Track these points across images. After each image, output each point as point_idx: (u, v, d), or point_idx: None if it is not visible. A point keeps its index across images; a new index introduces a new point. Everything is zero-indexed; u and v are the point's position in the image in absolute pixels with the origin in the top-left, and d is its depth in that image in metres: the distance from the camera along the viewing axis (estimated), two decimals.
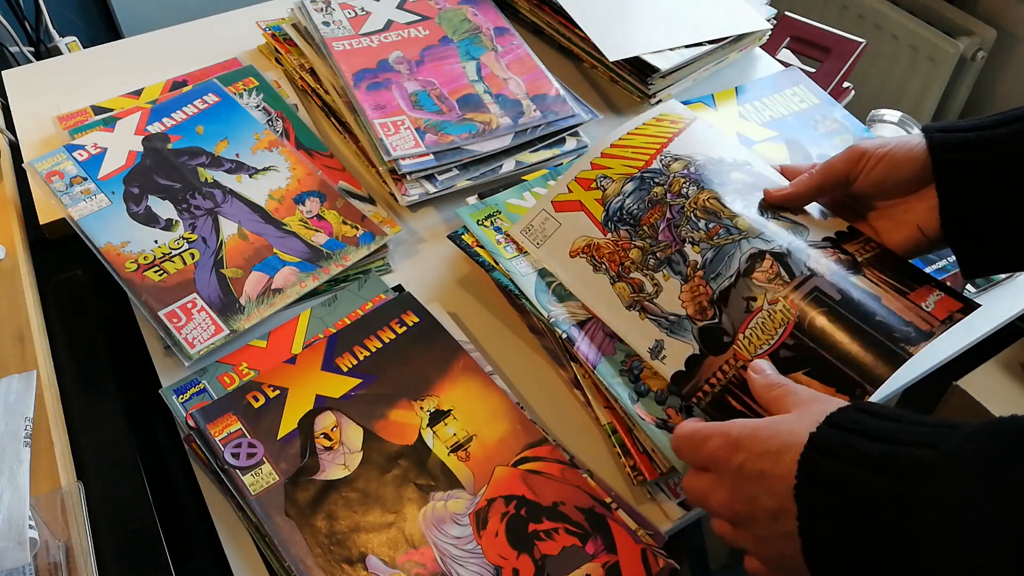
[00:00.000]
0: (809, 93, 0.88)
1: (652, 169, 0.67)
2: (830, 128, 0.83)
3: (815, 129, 0.83)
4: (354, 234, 0.74)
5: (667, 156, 0.67)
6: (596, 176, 0.68)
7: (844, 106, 0.87)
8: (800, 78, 0.90)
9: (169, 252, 0.70)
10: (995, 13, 1.54)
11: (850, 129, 0.83)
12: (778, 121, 0.84)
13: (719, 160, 0.67)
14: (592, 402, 0.62)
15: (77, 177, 0.75)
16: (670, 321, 0.60)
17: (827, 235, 0.61)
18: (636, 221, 0.65)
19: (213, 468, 0.58)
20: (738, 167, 0.66)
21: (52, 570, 0.53)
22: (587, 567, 0.54)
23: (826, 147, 0.81)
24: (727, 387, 0.56)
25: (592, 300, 0.63)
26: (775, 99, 0.87)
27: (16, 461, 0.57)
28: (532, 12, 0.96)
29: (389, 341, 0.66)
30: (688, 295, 0.60)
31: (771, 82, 0.90)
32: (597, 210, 0.67)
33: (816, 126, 0.84)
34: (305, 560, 0.53)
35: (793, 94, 0.88)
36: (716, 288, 0.59)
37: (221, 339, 0.65)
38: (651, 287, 0.62)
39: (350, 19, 0.88)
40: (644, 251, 0.63)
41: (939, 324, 0.55)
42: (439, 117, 0.80)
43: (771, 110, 0.85)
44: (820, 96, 0.88)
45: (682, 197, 0.64)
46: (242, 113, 0.83)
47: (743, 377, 0.54)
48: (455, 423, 0.61)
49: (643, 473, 0.58)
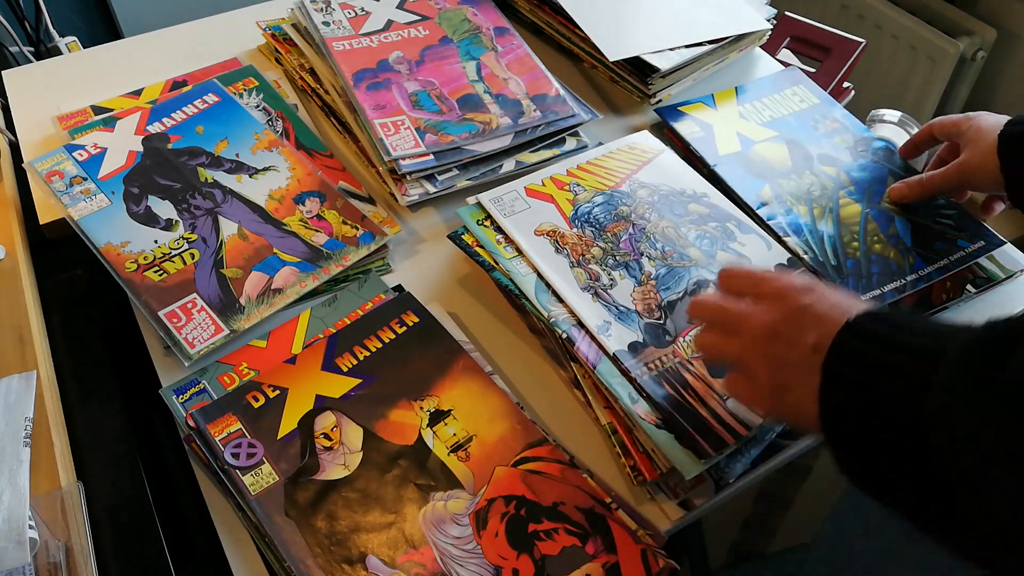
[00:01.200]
0: (809, 93, 0.88)
1: (621, 191, 0.74)
2: (830, 128, 0.83)
3: (815, 129, 0.83)
4: (354, 234, 0.74)
5: (635, 182, 0.75)
6: (569, 182, 0.75)
7: (844, 106, 0.87)
8: (800, 78, 0.90)
9: (169, 252, 0.70)
10: (995, 13, 1.54)
11: (850, 128, 0.83)
12: (778, 121, 0.84)
13: (680, 192, 0.75)
14: (592, 402, 0.62)
15: (77, 177, 0.75)
16: (620, 311, 0.65)
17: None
18: (601, 227, 0.71)
19: (213, 468, 0.58)
20: (696, 199, 0.74)
21: (52, 570, 0.53)
22: (587, 567, 0.54)
23: (826, 147, 0.81)
24: (664, 373, 0.60)
25: (550, 273, 0.67)
26: (775, 99, 0.87)
27: (16, 461, 0.57)
28: (532, 12, 0.96)
29: (389, 341, 0.66)
30: (640, 296, 0.66)
31: (771, 82, 0.90)
32: (567, 207, 0.72)
33: (816, 126, 0.83)
34: (305, 560, 0.53)
35: (793, 94, 0.88)
36: (665, 297, 0.66)
37: (221, 339, 0.65)
38: (607, 280, 0.67)
39: (350, 19, 0.88)
40: (605, 252, 0.69)
41: None
42: (439, 117, 0.80)
43: (771, 110, 0.85)
44: (820, 96, 0.88)
45: (644, 220, 0.71)
46: (242, 113, 0.83)
47: (679, 371, 0.61)
48: (455, 423, 0.61)
49: (643, 473, 0.58)
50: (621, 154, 0.78)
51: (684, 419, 0.57)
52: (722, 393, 0.59)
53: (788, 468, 1.19)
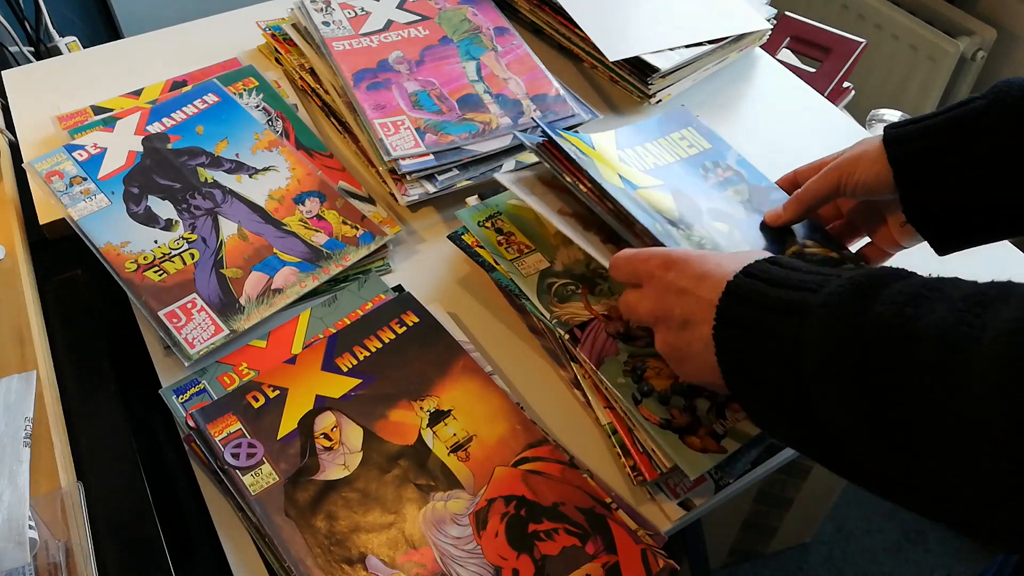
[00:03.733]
0: (699, 137, 0.77)
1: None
2: (722, 177, 0.73)
3: (705, 179, 0.72)
4: (354, 234, 0.74)
5: None
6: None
7: (844, 106, 0.87)
8: (690, 120, 0.79)
9: (169, 252, 0.70)
10: (995, 13, 1.54)
11: (744, 178, 0.73)
12: (662, 168, 0.72)
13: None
14: (592, 402, 0.62)
15: (77, 177, 0.75)
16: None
17: None
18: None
19: (213, 468, 0.58)
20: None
21: (52, 570, 0.53)
22: (587, 567, 0.54)
23: (716, 200, 0.70)
24: None
25: (579, 240, 0.64)
26: (659, 144, 0.75)
27: (16, 461, 0.57)
28: (532, 12, 0.96)
29: (389, 341, 0.66)
30: None
31: (656, 125, 0.77)
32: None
33: (707, 175, 0.73)
34: (305, 560, 0.53)
35: (681, 138, 0.76)
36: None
37: (221, 339, 0.65)
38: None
39: (350, 19, 0.88)
40: None
41: None
42: (439, 117, 0.80)
43: (654, 156, 0.73)
44: (711, 139, 0.77)
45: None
46: (242, 113, 0.83)
47: None
48: (455, 423, 0.61)
49: (643, 473, 0.58)
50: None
51: None
52: None
53: (788, 468, 1.19)
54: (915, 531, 1.51)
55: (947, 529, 1.50)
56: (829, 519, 1.52)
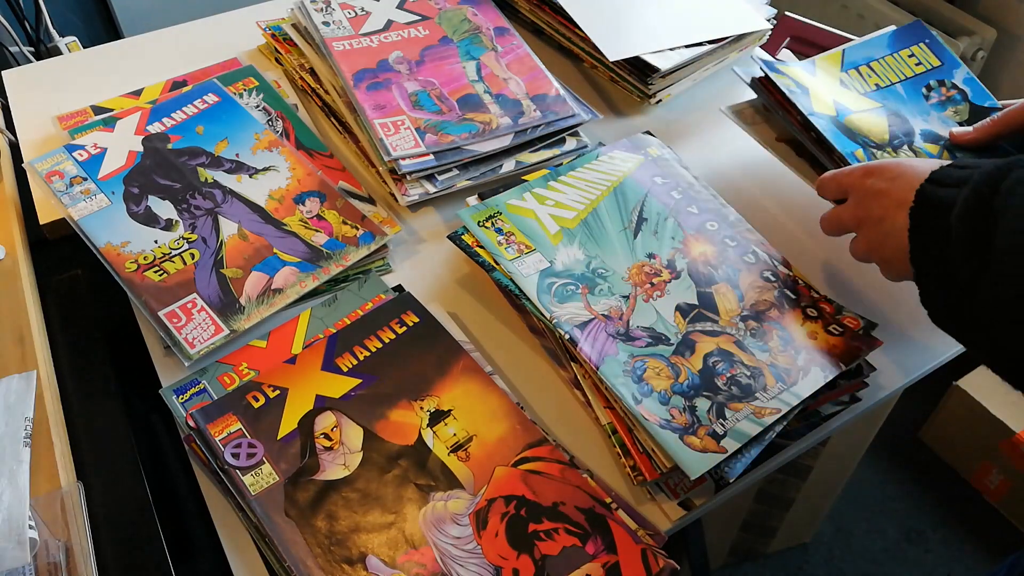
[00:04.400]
0: (930, 53, 0.77)
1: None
2: (944, 97, 0.74)
3: (926, 99, 0.74)
4: (354, 234, 0.74)
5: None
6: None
7: None
8: (924, 34, 0.79)
9: (169, 252, 0.70)
10: (995, 13, 1.54)
11: (969, 96, 0.74)
12: (884, 90, 0.74)
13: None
14: (592, 402, 0.62)
15: (77, 177, 0.75)
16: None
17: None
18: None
19: (213, 468, 0.58)
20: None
21: (52, 570, 0.53)
22: (587, 567, 0.54)
23: (934, 121, 0.71)
24: None
25: (788, 165, 0.71)
26: (886, 62, 0.76)
27: (16, 461, 0.57)
28: (532, 12, 0.96)
29: (389, 341, 0.66)
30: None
31: (888, 40, 0.79)
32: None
33: (929, 94, 0.74)
34: (305, 560, 0.53)
35: (910, 55, 0.77)
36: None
37: (221, 339, 0.65)
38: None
39: (350, 19, 0.88)
40: None
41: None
42: (439, 117, 0.80)
43: (878, 76, 0.75)
44: (943, 56, 0.77)
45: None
46: (242, 113, 0.83)
47: None
48: (455, 423, 0.61)
49: (643, 473, 0.58)
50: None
51: None
52: None
53: (788, 468, 1.19)
54: (915, 531, 1.51)
55: (948, 529, 1.50)
56: (829, 519, 1.52)
